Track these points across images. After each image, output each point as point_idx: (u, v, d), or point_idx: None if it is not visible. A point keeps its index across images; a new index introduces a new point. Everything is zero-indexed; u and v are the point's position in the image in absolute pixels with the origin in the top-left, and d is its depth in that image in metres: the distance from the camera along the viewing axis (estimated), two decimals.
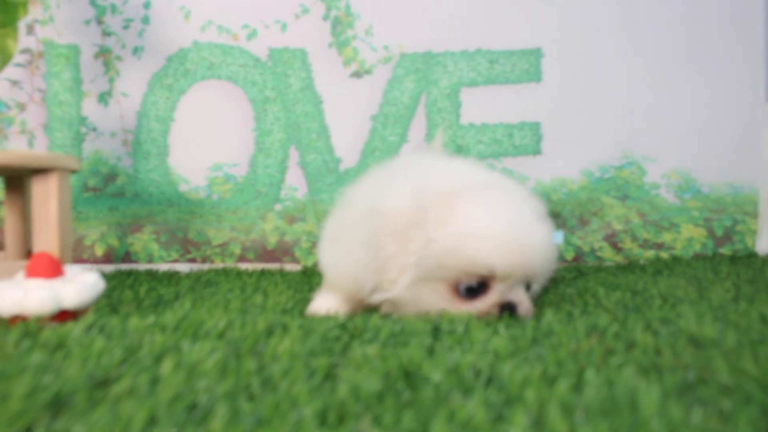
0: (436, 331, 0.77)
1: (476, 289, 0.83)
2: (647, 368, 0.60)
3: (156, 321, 0.84)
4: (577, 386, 0.55)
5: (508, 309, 0.84)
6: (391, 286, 0.85)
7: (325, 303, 0.99)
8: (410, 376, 0.60)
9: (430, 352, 0.69)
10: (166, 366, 0.62)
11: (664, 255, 1.56)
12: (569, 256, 1.57)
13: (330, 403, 0.51)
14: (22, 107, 1.59)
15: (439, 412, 0.49)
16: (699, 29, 1.55)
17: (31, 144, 1.59)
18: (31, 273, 0.90)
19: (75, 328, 0.78)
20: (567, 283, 1.21)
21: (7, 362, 0.65)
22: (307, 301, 1.06)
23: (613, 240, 1.57)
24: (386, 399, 0.53)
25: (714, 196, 1.56)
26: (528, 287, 0.88)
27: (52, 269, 0.91)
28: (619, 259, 1.56)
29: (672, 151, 1.57)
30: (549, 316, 0.83)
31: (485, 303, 0.83)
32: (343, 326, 0.80)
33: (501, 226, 0.81)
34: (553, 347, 0.69)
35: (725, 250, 1.56)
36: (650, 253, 1.56)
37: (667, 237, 1.56)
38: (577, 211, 1.57)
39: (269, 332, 0.78)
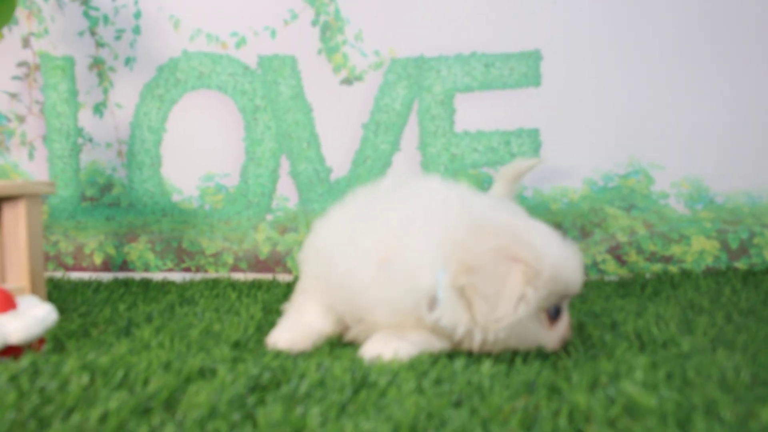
0: (360, 383, 0.74)
1: (556, 312, 0.89)
2: None
3: (92, 361, 0.83)
4: None
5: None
6: (497, 325, 0.83)
7: (289, 333, 0.97)
8: None
9: (340, 411, 0.66)
10: (67, 424, 0.61)
11: (673, 269, 1.47)
12: None
13: None
14: (21, 119, 1.61)
15: None
16: (712, 27, 1.44)
17: (31, 155, 1.61)
18: None
19: (8, 370, 0.78)
20: None
21: None
22: (273, 326, 1.04)
23: (617, 252, 1.49)
24: None
25: (729, 207, 1.46)
26: None
27: (3, 304, 0.91)
28: (623, 272, 1.48)
29: (682, 158, 1.47)
30: (486, 367, 0.78)
31: (563, 324, 0.90)
32: (273, 370, 0.78)
33: (570, 252, 0.89)
34: (473, 410, 0.65)
35: (741, 264, 1.46)
36: (657, 267, 1.48)
37: (676, 249, 1.47)
38: (579, 221, 1.49)
39: (193, 379, 0.76)
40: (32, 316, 0.91)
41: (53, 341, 1.00)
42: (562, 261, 0.86)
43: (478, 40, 1.50)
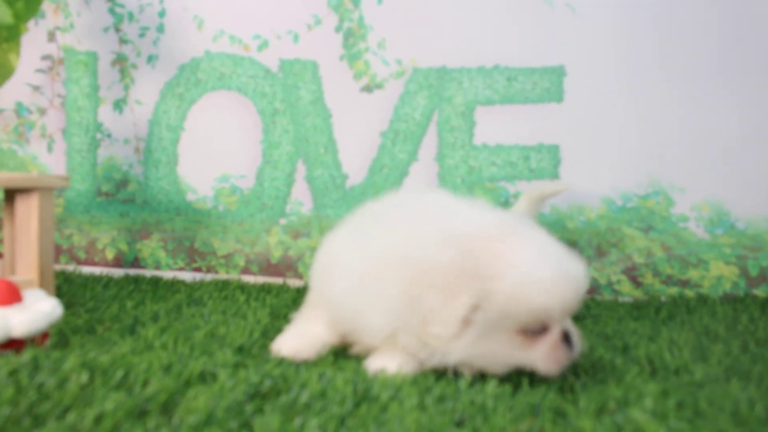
0: (362, 396, 0.72)
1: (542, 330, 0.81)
2: None
3: (93, 359, 0.82)
4: None
5: (566, 339, 0.82)
6: (437, 342, 0.80)
7: (294, 341, 0.96)
8: None
9: (339, 424, 0.64)
10: (61, 424, 0.61)
11: (690, 293, 1.44)
12: None
13: None
14: (42, 112, 1.62)
15: None
16: (736, 47, 1.42)
17: (50, 148, 1.62)
18: None
19: (9, 364, 0.77)
20: None
21: None
22: (279, 332, 1.03)
23: (632, 273, 1.46)
24: None
25: (750, 232, 1.43)
26: None
27: (8, 296, 0.91)
28: (638, 294, 1.46)
29: (704, 181, 1.44)
30: (491, 386, 0.76)
31: (551, 346, 0.81)
32: (274, 378, 0.77)
33: (552, 270, 0.80)
34: (475, 430, 0.63)
35: (759, 292, 1.43)
36: (674, 290, 1.45)
37: (693, 274, 1.44)
38: (595, 240, 1.47)
39: (192, 383, 0.76)
40: (37, 310, 0.90)
41: (57, 336, 0.99)
42: (534, 280, 0.78)
43: (501, 53, 1.48)
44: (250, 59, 1.55)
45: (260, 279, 1.55)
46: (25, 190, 1.10)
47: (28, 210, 1.11)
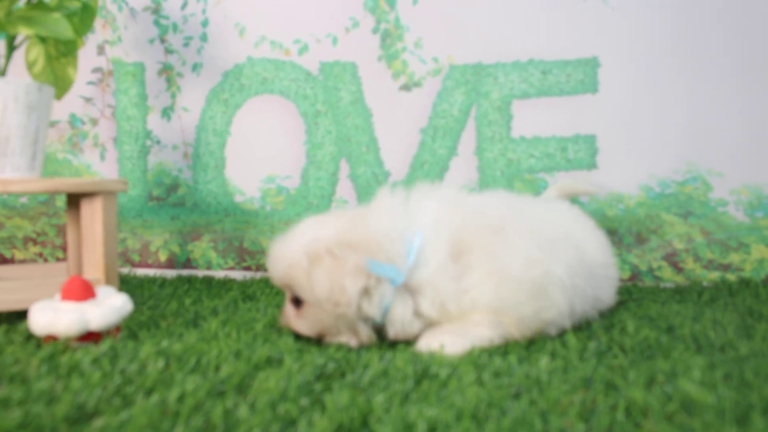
0: (421, 374, 0.76)
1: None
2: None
3: (166, 348, 0.88)
4: None
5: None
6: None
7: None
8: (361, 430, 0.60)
9: (404, 399, 0.68)
10: (148, 402, 0.65)
11: (731, 277, 1.46)
12: (625, 275, 1.49)
13: None
14: (94, 122, 1.69)
15: None
16: None
17: (102, 156, 1.69)
18: (65, 296, 0.96)
19: (91, 353, 0.83)
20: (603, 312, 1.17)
21: (20, 386, 0.71)
22: None
23: (673, 259, 1.48)
24: None
25: None
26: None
27: (83, 292, 0.97)
28: (679, 279, 1.48)
29: (742, 165, 1.46)
30: (543, 363, 0.80)
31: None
32: (337, 361, 0.81)
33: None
34: (532, 402, 0.67)
35: None
36: (715, 275, 1.46)
37: (734, 258, 1.46)
38: (635, 228, 1.49)
39: (261, 367, 0.80)
40: (110, 305, 0.96)
41: (126, 330, 1.05)
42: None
43: (535, 47, 1.51)
44: (291, 63, 1.60)
45: None
46: (89, 194, 1.16)
47: (92, 213, 1.17)
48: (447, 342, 0.88)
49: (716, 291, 1.36)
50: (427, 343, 0.90)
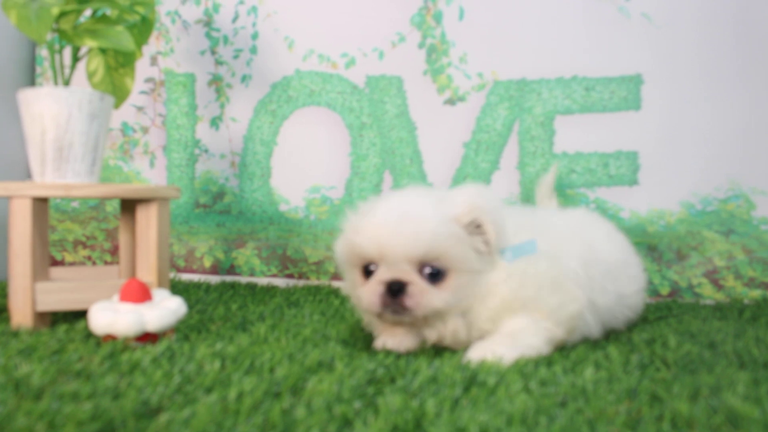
0: (470, 381, 0.79)
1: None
2: None
3: (221, 350, 0.91)
4: None
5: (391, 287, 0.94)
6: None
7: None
8: None
9: (454, 404, 0.71)
10: (209, 400, 0.69)
11: None
12: (664, 291, 1.50)
13: None
14: (145, 130, 1.75)
15: None
16: None
17: (152, 164, 1.74)
18: (123, 297, 1.00)
19: (150, 353, 0.87)
20: (643, 327, 1.18)
21: (86, 382, 0.74)
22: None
23: (713, 277, 1.48)
24: None
25: None
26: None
27: (141, 295, 1.01)
28: (720, 297, 1.48)
29: None
30: (588, 374, 0.82)
31: (370, 287, 0.96)
32: (387, 367, 0.84)
33: (377, 222, 0.96)
34: (579, 410, 0.69)
35: None
36: (756, 293, 1.46)
37: None
38: (675, 244, 1.50)
39: (314, 370, 0.83)
40: (166, 307, 1.00)
41: (178, 332, 1.08)
42: (358, 229, 0.96)
43: (579, 64, 1.53)
44: (338, 76, 1.64)
45: None
46: (145, 200, 1.21)
47: (147, 218, 1.21)
48: (504, 354, 0.91)
49: (758, 309, 1.36)
50: (481, 354, 0.92)
